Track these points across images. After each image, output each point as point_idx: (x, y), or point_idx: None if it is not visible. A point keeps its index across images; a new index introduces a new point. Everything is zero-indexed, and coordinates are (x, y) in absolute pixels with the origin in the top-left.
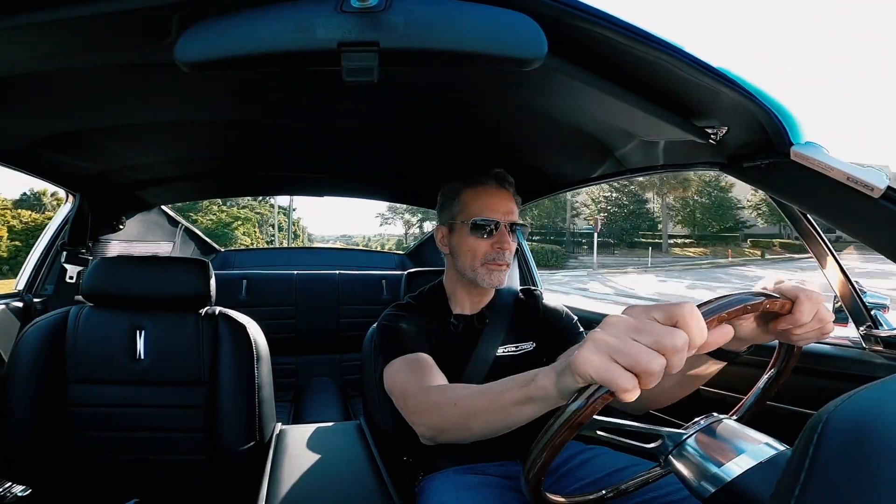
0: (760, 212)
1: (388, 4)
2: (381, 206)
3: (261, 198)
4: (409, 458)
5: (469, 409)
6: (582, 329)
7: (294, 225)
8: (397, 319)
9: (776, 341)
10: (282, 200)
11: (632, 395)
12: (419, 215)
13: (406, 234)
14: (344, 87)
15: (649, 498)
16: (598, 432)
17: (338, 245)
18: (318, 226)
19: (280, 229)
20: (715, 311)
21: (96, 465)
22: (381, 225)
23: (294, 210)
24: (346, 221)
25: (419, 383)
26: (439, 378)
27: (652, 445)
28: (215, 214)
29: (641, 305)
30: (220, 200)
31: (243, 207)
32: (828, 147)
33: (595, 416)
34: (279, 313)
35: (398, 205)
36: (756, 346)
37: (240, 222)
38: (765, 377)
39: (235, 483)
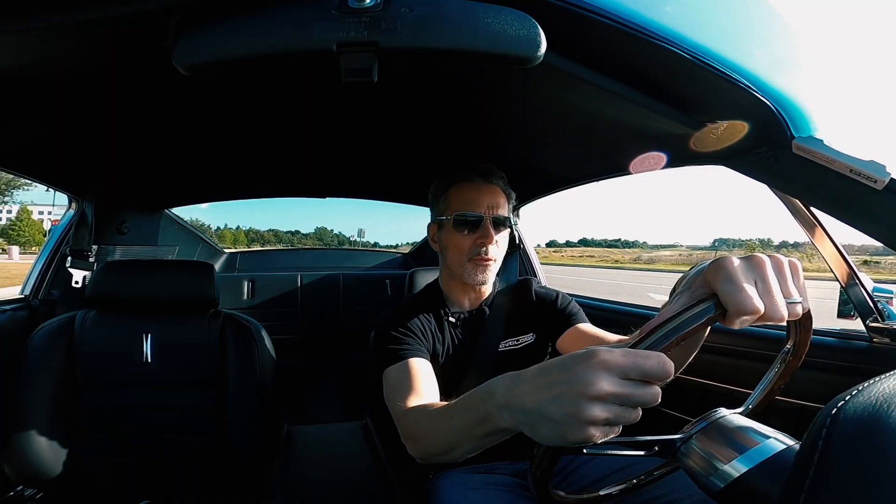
0: None
1: (386, 3)
2: None
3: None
4: None
5: (443, 440)
6: (579, 308)
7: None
8: (393, 324)
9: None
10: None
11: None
12: None
13: None
14: (343, 87)
15: (657, 495)
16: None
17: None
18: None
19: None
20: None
21: (106, 467)
22: None
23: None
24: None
25: (406, 404)
26: (428, 389)
27: (646, 452)
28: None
29: None
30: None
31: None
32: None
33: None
34: (284, 314)
35: None
36: (762, 340)
37: None
38: (774, 369)
39: (244, 483)
